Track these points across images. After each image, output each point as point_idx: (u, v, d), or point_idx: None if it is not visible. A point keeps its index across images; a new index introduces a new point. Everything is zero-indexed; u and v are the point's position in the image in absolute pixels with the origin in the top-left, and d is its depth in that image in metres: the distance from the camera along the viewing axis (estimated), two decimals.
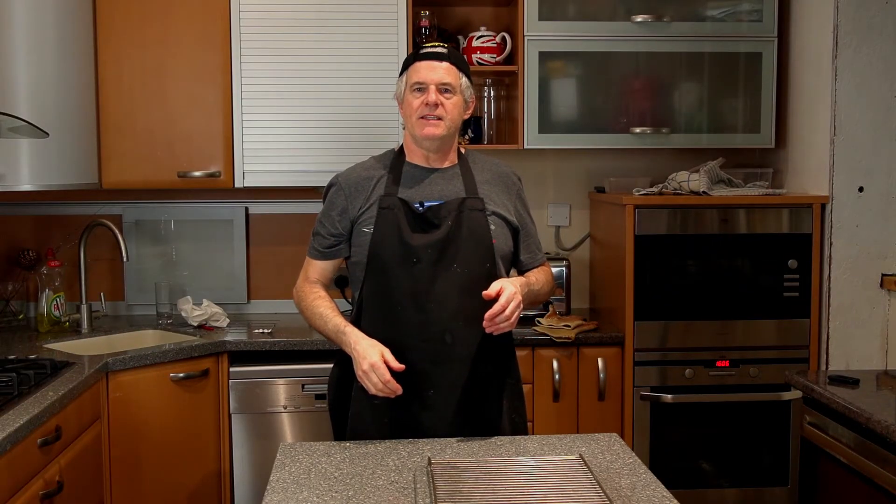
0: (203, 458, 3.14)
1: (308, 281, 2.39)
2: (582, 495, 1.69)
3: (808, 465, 2.65)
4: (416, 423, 2.20)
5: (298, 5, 3.36)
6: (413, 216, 2.24)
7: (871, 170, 3.23)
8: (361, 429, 2.22)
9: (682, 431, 3.32)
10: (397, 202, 2.24)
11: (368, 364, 2.10)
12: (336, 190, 2.33)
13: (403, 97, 2.29)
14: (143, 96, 3.36)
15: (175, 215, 3.72)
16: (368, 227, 2.25)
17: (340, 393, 2.31)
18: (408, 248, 2.20)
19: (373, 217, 2.24)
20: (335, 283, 3.73)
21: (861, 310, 3.26)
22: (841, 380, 2.61)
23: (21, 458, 2.16)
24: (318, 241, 2.35)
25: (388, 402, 2.15)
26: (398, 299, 2.21)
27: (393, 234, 2.21)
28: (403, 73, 2.30)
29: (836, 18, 3.19)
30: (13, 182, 2.98)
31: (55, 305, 3.36)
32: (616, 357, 3.30)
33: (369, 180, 2.30)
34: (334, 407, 2.35)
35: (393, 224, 2.22)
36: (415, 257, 2.20)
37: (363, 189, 2.29)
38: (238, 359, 3.23)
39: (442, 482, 1.75)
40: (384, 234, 2.22)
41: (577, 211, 3.86)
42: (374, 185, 2.29)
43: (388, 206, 2.24)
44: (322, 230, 2.34)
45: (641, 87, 3.51)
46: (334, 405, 2.35)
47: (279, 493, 1.81)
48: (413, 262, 2.20)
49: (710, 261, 3.30)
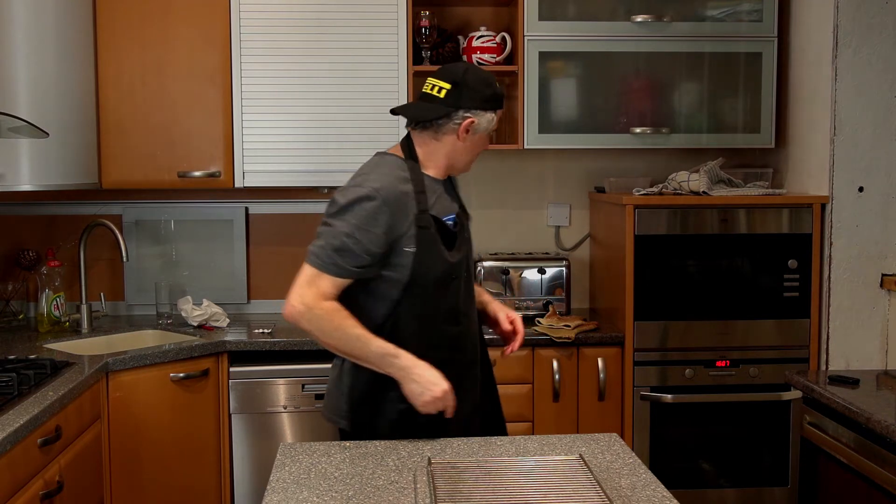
0: (203, 458, 3.14)
1: (325, 299, 2.13)
2: (582, 495, 1.69)
3: (808, 465, 2.65)
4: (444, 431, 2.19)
5: (298, 5, 3.36)
6: (444, 233, 2.22)
7: (871, 170, 3.23)
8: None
9: (682, 431, 3.32)
10: (430, 220, 2.19)
11: (442, 391, 2.08)
12: (380, 206, 2.12)
13: (481, 134, 2.26)
14: (143, 96, 3.36)
15: (175, 215, 3.72)
16: (410, 246, 2.16)
17: (368, 409, 2.23)
18: (448, 265, 2.21)
19: (413, 236, 2.16)
20: None
21: (861, 310, 3.26)
22: (841, 380, 2.61)
23: (21, 458, 2.16)
24: (348, 259, 2.12)
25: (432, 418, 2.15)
26: (438, 316, 2.22)
27: (434, 253, 2.18)
28: (492, 111, 2.24)
29: (836, 18, 3.19)
30: (13, 182, 2.98)
31: (55, 305, 3.36)
32: (616, 357, 3.30)
33: (406, 196, 2.17)
34: (357, 422, 2.24)
35: (432, 243, 2.18)
36: (454, 275, 2.22)
37: (404, 206, 2.16)
38: (238, 359, 3.23)
39: (442, 482, 1.75)
40: (427, 254, 2.17)
41: (577, 211, 3.86)
42: (409, 202, 2.18)
43: (426, 224, 2.18)
44: (356, 248, 2.11)
45: (641, 87, 3.51)
46: (359, 419, 2.24)
47: (279, 493, 1.81)
48: (452, 279, 2.22)
49: (710, 261, 3.30)
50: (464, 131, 2.22)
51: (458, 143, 2.24)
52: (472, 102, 2.21)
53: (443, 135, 2.24)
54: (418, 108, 2.28)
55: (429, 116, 2.23)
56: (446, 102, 2.21)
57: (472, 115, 2.21)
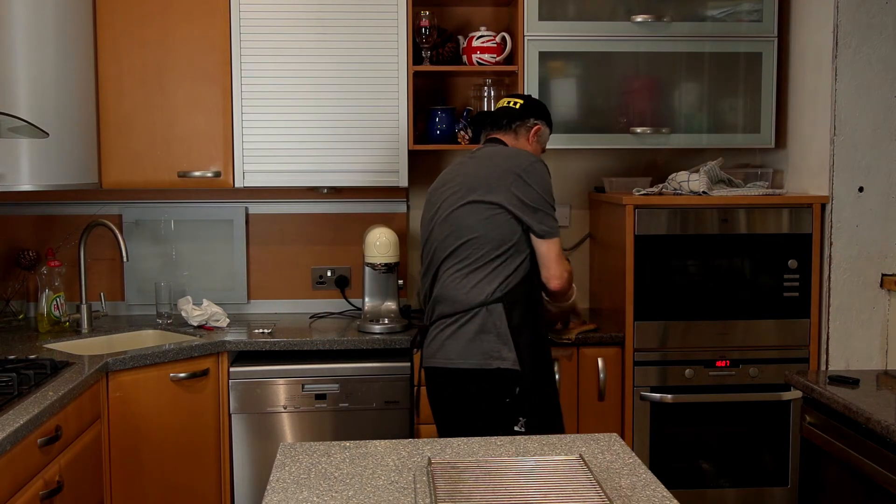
0: (203, 458, 3.14)
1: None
2: (582, 495, 1.69)
3: (808, 465, 2.65)
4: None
5: (298, 5, 3.36)
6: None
7: (871, 170, 3.23)
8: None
9: (682, 431, 3.32)
10: None
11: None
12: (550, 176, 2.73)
13: (541, 144, 2.89)
14: (143, 96, 3.36)
15: (175, 215, 3.72)
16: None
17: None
18: None
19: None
20: (336, 283, 3.77)
21: (861, 310, 3.26)
22: (841, 380, 2.61)
23: (21, 458, 2.16)
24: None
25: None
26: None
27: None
28: (549, 126, 2.91)
29: (836, 18, 3.19)
30: (13, 182, 2.98)
31: (55, 305, 3.36)
32: (616, 357, 3.30)
33: None
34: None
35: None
36: None
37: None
38: (238, 359, 3.23)
39: (442, 482, 1.75)
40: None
41: (577, 211, 3.86)
42: None
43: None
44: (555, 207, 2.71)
45: (641, 87, 3.51)
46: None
47: (279, 493, 1.81)
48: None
49: (710, 261, 3.30)
50: (534, 135, 2.84)
51: (527, 146, 2.83)
52: (539, 114, 2.87)
53: (520, 137, 2.84)
54: (500, 112, 2.86)
55: (513, 117, 2.83)
56: (522, 111, 2.83)
57: (540, 123, 2.85)
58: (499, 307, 2.60)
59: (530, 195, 2.63)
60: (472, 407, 2.63)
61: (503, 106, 2.87)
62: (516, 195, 2.62)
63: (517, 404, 2.60)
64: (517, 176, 2.63)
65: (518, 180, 2.63)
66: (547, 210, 2.65)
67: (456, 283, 2.65)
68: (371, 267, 3.41)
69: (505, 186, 2.63)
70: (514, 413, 2.60)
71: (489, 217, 2.63)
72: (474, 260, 2.64)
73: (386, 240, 3.36)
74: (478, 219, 2.64)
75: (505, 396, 2.59)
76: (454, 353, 2.63)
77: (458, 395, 2.66)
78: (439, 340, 2.66)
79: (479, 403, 2.62)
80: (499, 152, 2.76)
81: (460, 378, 2.63)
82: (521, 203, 2.62)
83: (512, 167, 2.65)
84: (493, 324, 2.60)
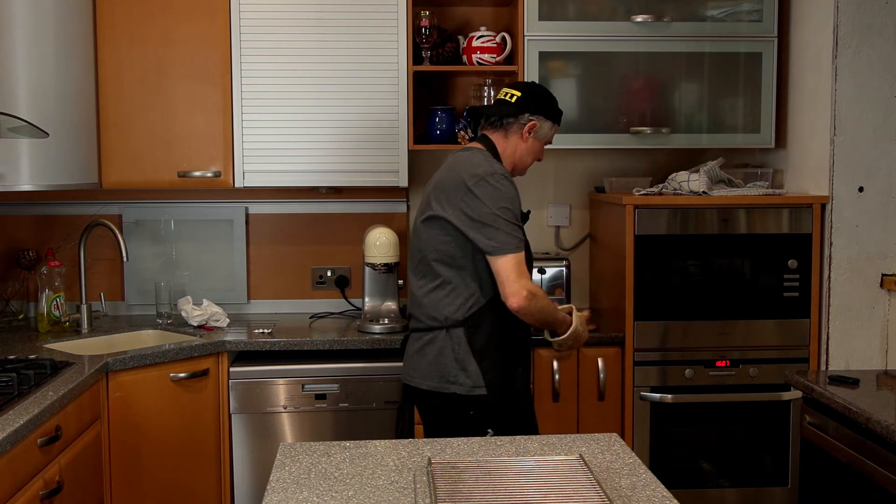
0: (203, 458, 3.14)
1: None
2: (582, 495, 1.69)
3: (808, 465, 2.65)
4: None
5: (298, 5, 3.36)
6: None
7: (871, 170, 3.23)
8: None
9: (682, 431, 3.32)
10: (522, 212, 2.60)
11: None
12: (513, 187, 2.53)
13: (540, 139, 2.69)
14: (143, 96, 3.36)
15: (175, 215, 3.72)
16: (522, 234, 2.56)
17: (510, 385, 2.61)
18: (530, 255, 2.62)
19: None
20: (335, 283, 3.77)
21: (861, 310, 3.26)
22: (841, 380, 2.61)
23: (21, 458, 2.16)
24: (519, 232, 2.51)
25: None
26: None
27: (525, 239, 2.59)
28: (552, 121, 2.69)
29: (836, 18, 3.19)
30: (13, 182, 2.98)
31: (55, 305, 3.36)
32: (616, 357, 3.30)
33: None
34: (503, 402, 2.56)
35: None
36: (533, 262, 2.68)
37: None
38: (238, 359, 3.23)
39: (442, 482, 1.75)
40: (526, 243, 2.56)
41: (577, 211, 3.86)
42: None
43: (524, 212, 2.60)
44: (516, 220, 2.51)
45: (641, 87, 3.51)
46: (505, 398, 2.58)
47: (279, 493, 1.81)
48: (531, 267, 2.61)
49: (710, 261, 3.30)
50: (527, 132, 2.65)
51: (521, 144, 2.66)
52: (538, 109, 2.65)
53: (511, 134, 2.66)
54: (493, 107, 2.69)
55: (501, 114, 2.64)
56: (517, 106, 2.63)
57: (535, 119, 2.65)
58: (459, 331, 2.53)
59: (478, 209, 2.46)
60: (437, 422, 2.65)
61: (499, 98, 2.70)
62: (463, 210, 2.49)
63: (484, 418, 2.53)
64: (467, 189, 2.48)
65: (468, 194, 2.48)
66: (497, 225, 2.45)
67: (419, 299, 2.62)
68: (371, 267, 3.41)
69: (455, 201, 2.50)
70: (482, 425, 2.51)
71: (440, 234, 2.54)
72: (432, 278, 2.58)
73: (386, 240, 3.36)
74: (431, 235, 2.57)
75: (464, 417, 2.55)
76: (417, 373, 2.62)
77: (422, 410, 2.70)
78: (409, 354, 2.68)
79: (442, 420, 2.62)
80: (462, 162, 2.57)
81: (421, 396, 2.64)
82: (466, 218, 2.48)
83: (464, 180, 2.50)
84: (451, 348, 2.54)
